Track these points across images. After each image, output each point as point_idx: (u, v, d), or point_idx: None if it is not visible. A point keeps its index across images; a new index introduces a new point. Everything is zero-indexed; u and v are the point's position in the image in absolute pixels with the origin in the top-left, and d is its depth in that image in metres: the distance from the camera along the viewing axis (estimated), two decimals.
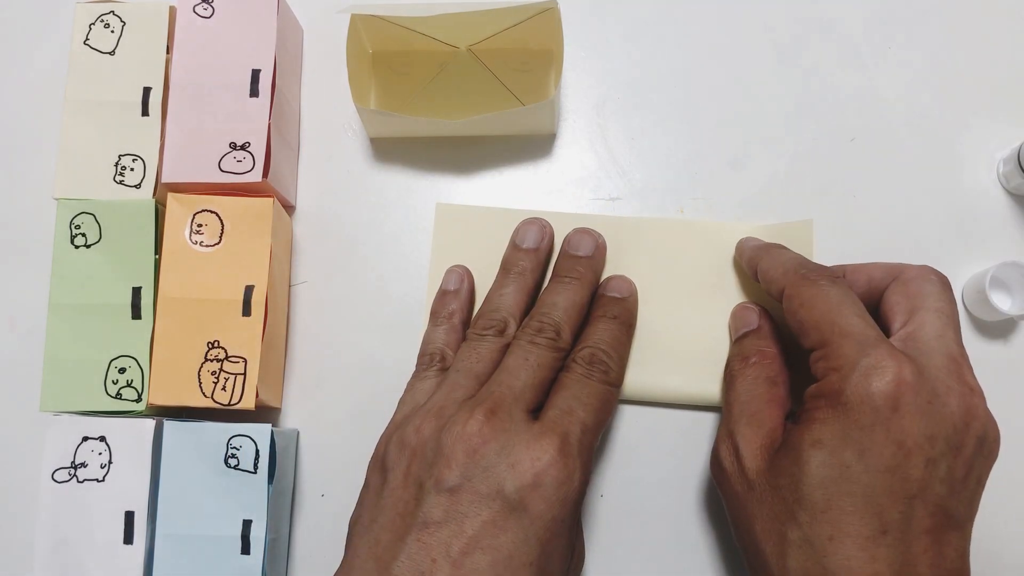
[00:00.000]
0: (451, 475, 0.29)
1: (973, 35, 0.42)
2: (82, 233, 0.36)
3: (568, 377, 0.33)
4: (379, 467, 0.32)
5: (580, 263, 0.36)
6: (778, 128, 0.41)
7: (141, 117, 0.37)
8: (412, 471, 0.30)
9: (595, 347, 0.34)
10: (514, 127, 0.40)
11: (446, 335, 0.36)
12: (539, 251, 0.37)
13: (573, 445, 0.30)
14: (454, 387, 0.32)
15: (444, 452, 0.29)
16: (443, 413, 0.31)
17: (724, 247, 0.39)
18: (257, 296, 0.36)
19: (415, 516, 0.29)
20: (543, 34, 0.39)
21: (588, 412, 0.32)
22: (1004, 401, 0.38)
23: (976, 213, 0.40)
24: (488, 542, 0.28)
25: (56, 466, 0.35)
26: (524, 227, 0.38)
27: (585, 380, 0.33)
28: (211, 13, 0.38)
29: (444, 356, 0.35)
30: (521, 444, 0.29)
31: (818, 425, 0.29)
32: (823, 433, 0.29)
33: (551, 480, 0.29)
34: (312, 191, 0.41)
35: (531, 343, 0.33)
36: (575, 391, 0.32)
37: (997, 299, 0.37)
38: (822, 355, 0.30)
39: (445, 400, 0.32)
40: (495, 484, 0.29)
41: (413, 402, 0.34)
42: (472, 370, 0.33)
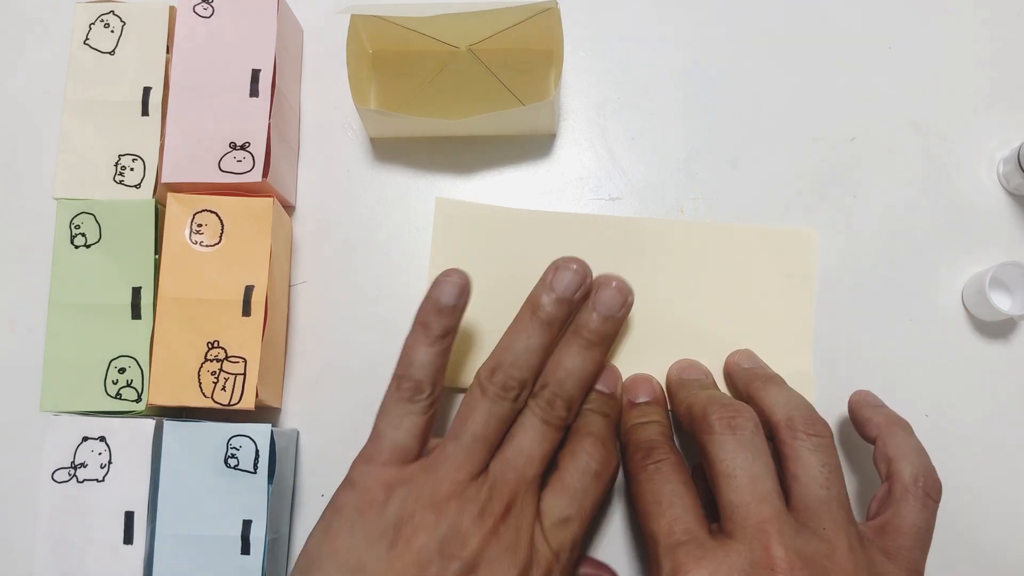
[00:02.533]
0: (460, 564, 0.29)
1: (973, 35, 0.42)
2: (82, 233, 0.36)
3: (571, 471, 0.32)
4: (379, 515, 0.30)
5: (607, 326, 0.34)
6: (778, 128, 0.41)
7: (141, 117, 0.37)
8: (423, 541, 0.29)
9: (598, 435, 0.33)
10: (514, 127, 0.40)
11: (437, 360, 0.33)
12: (573, 302, 0.34)
13: (564, 559, 0.31)
14: (470, 458, 0.31)
15: (460, 535, 0.30)
16: (462, 488, 0.30)
17: (724, 247, 0.39)
18: (257, 296, 0.36)
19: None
20: (543, 34, 0.39)
21: (583, 522, 0.32)
22: (1004, 401, 0.39)
23: (976, 213, 0.40)
24: None
25: (56, 466, 0.35)
26: (564, 268, 0.34)
27: (591, 480, 0.32)
28: (211, 13, 0.38)
29: (434, 387, 0.32)
30: (529, 544, 0.30)
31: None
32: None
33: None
34: (312, 191, 0.41)
35: (545, 423, 0.32)
36: (575, 497, 0.32)
37: (997, 299, 0.37)
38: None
39: (462, 471, 0.31)
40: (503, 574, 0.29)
41: (402, 445, 0.32)
42: (487, 438, 0.32)
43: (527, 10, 0.38)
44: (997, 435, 0.38)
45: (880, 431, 0.34)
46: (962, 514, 0.37)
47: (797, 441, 0.31)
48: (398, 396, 0.32)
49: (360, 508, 0.30)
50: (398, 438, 0.32)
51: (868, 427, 0.34)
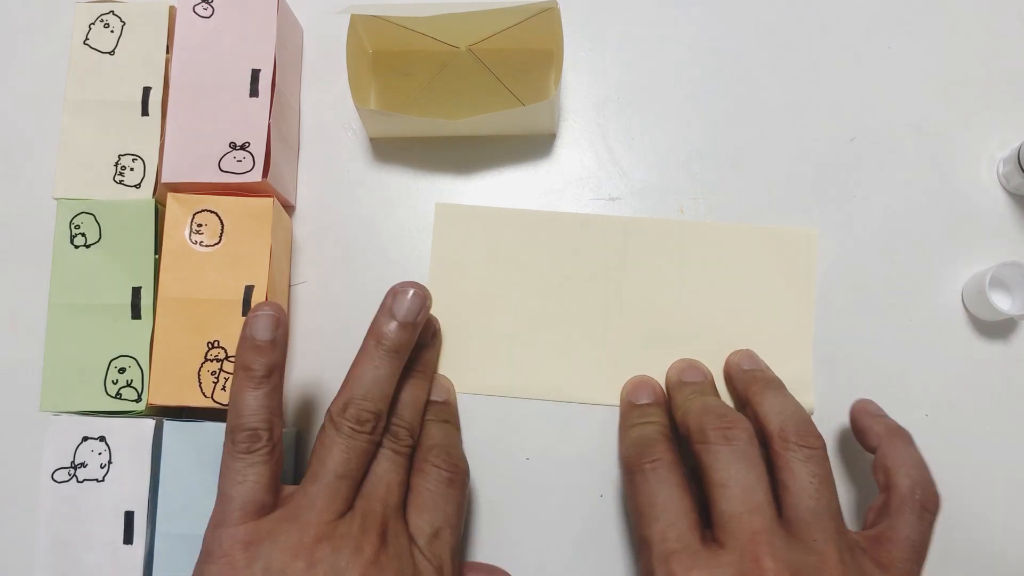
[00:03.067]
0: None
1: (973, 35, 0.42)
2: (82, 233, 0.36)
3: (424, 491, 0.32)
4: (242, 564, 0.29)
5: (431, 356, 0.37)
6: (778, 128, 0.41)
7: (141, 117, 0.37)
8: None
9: (442, 448, 0.34)
10: (514, 127, 0.40)
11: (268, 401, 0.31)
12: (416, 326, 0.33)
13: (447, 570, 0.31)
14: (335, 498, 0.30)
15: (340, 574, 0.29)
16: (332, 530, 0.30)
17: (724, 247, 0.39)
18: (257, 296, 0.36)
19: None
20: (543, 34, 0.39)
21: (451, 529, 0.32)
22: (1004, 401, 0.39)
23: (976, 213, 0.40)
24: None
25: (56, 466, 0.35)
26: (402, 293, 0.33)
27: (448, 489, 0.33)
28: (211, 13, 0.38)
29: (272, 431, 0.31)
30: (409, 569, 0.30)
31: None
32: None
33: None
34: (312, 191, 0.41)
35: (396, 453, 0.33)
36: (437, 506, 0.32)
37: (997, 299, 0.37)
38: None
39: (328, 513, 0.30)
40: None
41: (243, 497, 0.30)
42: (350, 475, 0.31)
43: (527, 10, 0.38)
44: (997, 435, 0.38)
45: (880, 441, 0.34)
46: (962, 514, 0.37)
47: (789, 452, 0.31)
48: (235, 451, 0.30)
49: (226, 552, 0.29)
50: (246, 494, 0.30)
51: (868, 436, 0.34)
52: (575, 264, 0.39)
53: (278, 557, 0.29)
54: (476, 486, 0.38)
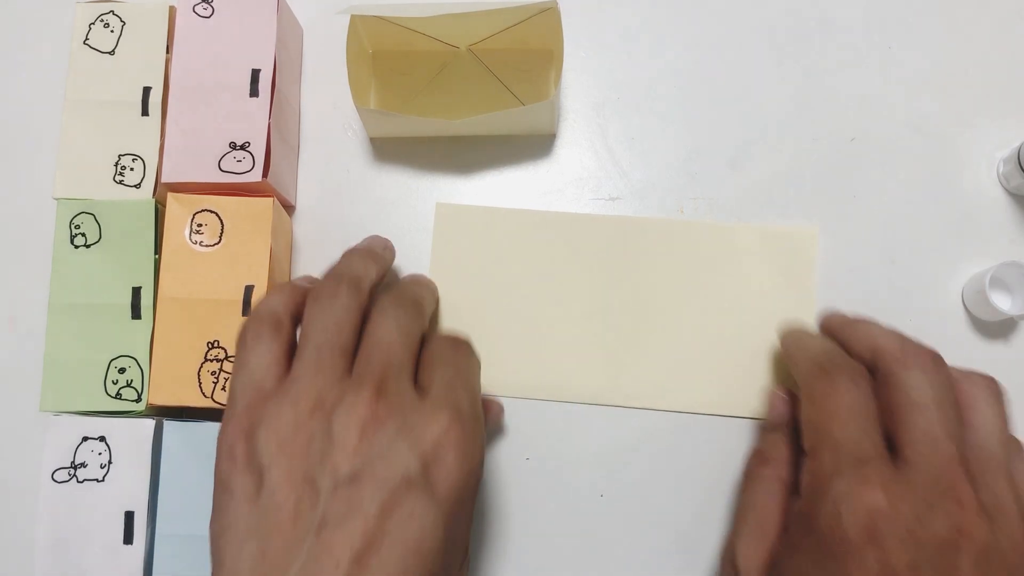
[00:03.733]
0: (349, 464, 0.26)
1: (973, 35, 0.42)
2: (82, 233, 0.36)
3: (437, 349, 0.30)
4: (245, 467, 0.27)
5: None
6: (778, 128, 0.41)
7: (141, 117, 0.37)
8: (299, 468, 0.26)
9: (447, 335, 0.32)
10: (514, 127, 0.40)
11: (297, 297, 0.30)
12: (387, 254, 0.35)
13: (467, 417, 0.28)
14: (321, 368, 0.28)
15: (337, 441, 0.26)
16: (323, 399, 0.27)
17: (724, 247, 0.39)
18: (257, 296, 0.36)
19: (310, 517, 0.25)
20: (543, 34, 0.39)
21: (467, 382, 0.29)
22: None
23: (976, 213, 0.40)
24: (396, 534, 0.25)
25: (56, 466, 0.35)
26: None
27: (455, 351, 0.30)
28: (211, 13, 0.38)
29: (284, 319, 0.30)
30: (418, 422, 0.27)
31: (797, 554, 0.28)
32: (802, 563, 0.28)
33: (454, 455, 0.27)
34: (312, 191, 0.41)
35: (398, 307, 0.30)
36: (449, 363, 0.30)
37: (997, 299, 0.37)
38: (807, 466, 0.29)
39: (317, 385, 0.28)
40: (399, 468, 0.26)
41: (255, 385, 0.28)
42: (336, 345, 0.28)
43: (527, 10, 0.38)
44: None
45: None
46: None
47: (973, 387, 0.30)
48: (245, 338, 0.30)
49: (225, 471, 0.27)
50: (246, 378, 0.29)
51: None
52: (575, 264, 0.39)
53: (273, 439, 0.27)
54: None
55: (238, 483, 0.27)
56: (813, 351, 0.32)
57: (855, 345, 0.32)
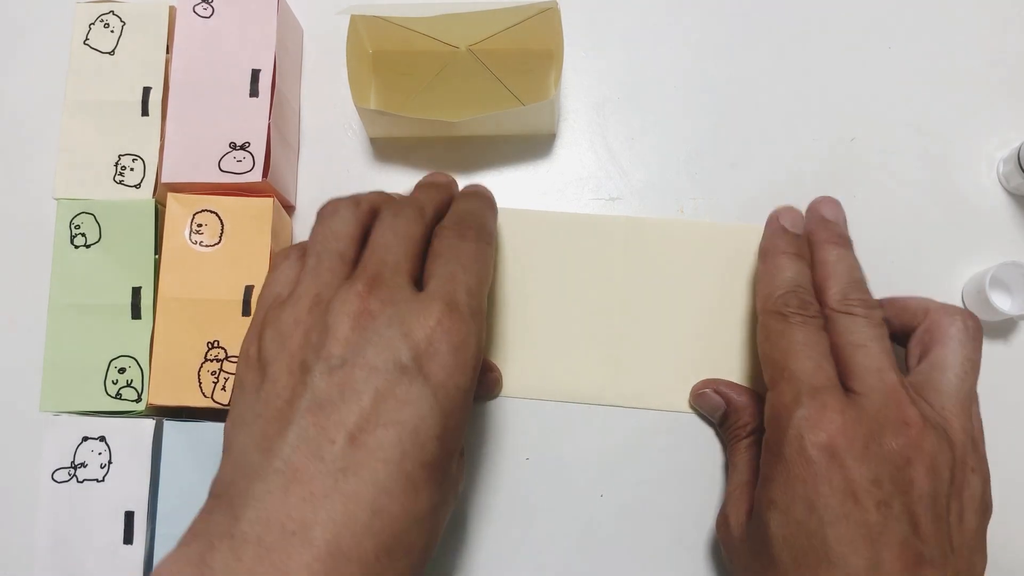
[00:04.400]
0: (341, 351, 0.27)
1: (973, 35, 0.42)
2: (82, 233, 0.36)
3: (441, 243, 0.30)
4: (255, 365, 0.29)
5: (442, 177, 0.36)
6: (778, 128, 0.41)
7: (141, 117, 0.37)
8: (297, 358, 0.27)
9: (462, 214, 0.32)
10: (514, 127, 0.40)
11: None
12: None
13: (463, 308, 0.28)
14: (320, 271, 0.29)
15: (331, 331, 0.27)
16: (320, 297, 0.28)
17: (724, 247, 0.39)
18: (257, 296, 0.36)
19: (304, 399, 0.26)
20: (543, 34, 0.39)
21: (469, 274, 0.29)
22: (1004, 401, 0.39)
23: (976, 213, 0.40)
24: (390, 416, 0.26)
25: (56, 466, 0.35)
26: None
27: (459, 242, 0.30)
28: (211, 13, 0.38)
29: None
30: (411, 313, 0.27)
31: (769, 484, 0.30)
32: (774, 492, 0.30)
33: (447, 346, 0.27)
34: (312, 191, 0.41)
35: (395, 216, 0.31)
36: (452, 255, 0.30)
37: (997, 299, 0.37)
38: (768, 399, 0.31)
39: (316, 285, 0.29)
40: (390, 355, 0.26)
41: (274, 295, 0.30)
42: (335, 250, 0.30)
43: (527, 10, 0.38)
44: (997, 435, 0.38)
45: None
46: None
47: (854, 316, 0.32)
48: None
49: (241, 371, 0.29)
50: (267, 291, 0.31)
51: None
52: (575, 264, 0.39)
53: (276, 336, 0.28)
54: (476, 486, 0.38)
55: (248, 379, 0.28)
56: (777, 283, 0.34)
57: (815, 272, 0.35)
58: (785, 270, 0.34)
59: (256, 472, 0.26)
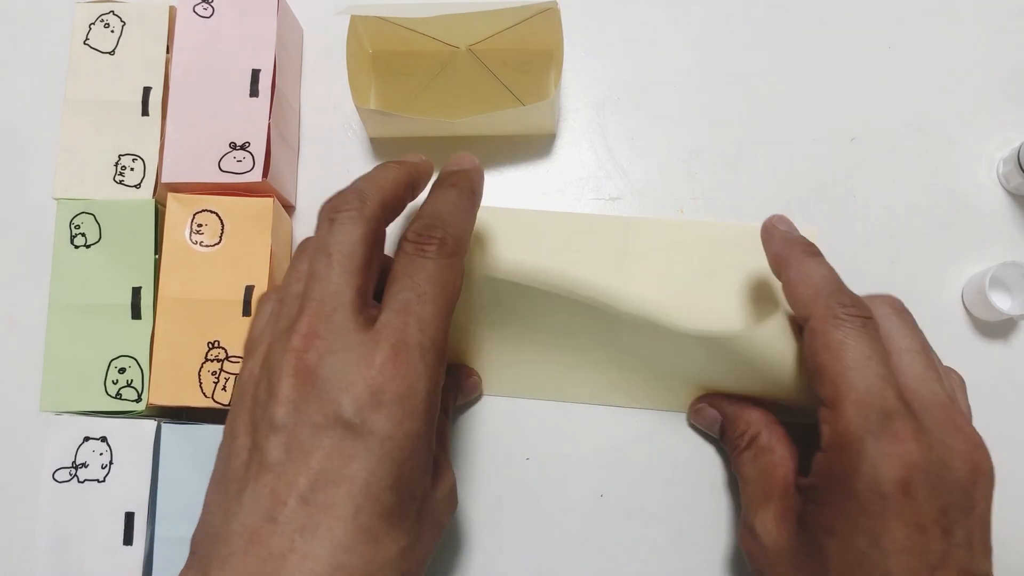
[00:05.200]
0: (282, 411, 0.26)
1: (973, 35, 0.42)
2: (82, 233, 0.36)
3: (399, 264, 0.28)
4: (228, 419, 0.29)
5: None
6: (778, 128, 0.41)
7: (141, 117, 0.37)
8: (250, 417, 0.27)
9: (428, 218, 0.29)
10: (514, 127, 0.40)
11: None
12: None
13: (412, 349, 0.26)
14: (279, 318, 0.29)
15: (273, 390, 0.26)
16: (271, 350, 0.28)
17: (724, 247, 0.39)
18: (257, 296, 0.36)
19: (255, 461, 0.26)
20: (543, 34, 0.39)
21: (424, 302, 0.27)
22: (1004, 401, 0.39)
23: (976, 213, 0.40)
24: (339, 473, 0.25)
25: (57, 466, 0.35)
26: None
27: (417, 261, 0.28)
28: (211, 13, 0.38)
29: None
30: (351, 361, 0.26)
31: (828, 510, 0.28)
32: (833, 520, 0.28)
33: (393, 395, 0.26)
34: (312, 191, 0.41)
35: (331, 224, 0.28)
36: (408, 278, 0.28)
37: (997, 299, 0.37)
38: (830, 418, 0.28)
39: (272, 334, 0.28)
40: (331, 411, 0.26)
41: (248, 344, 0.30)
42: (293, 291, 0.29)
43: (527, 10, 0.38)
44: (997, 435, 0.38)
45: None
46: None
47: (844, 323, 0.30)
48: None
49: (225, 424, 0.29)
50: (248, 337, 0.31)
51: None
52: (575, 264, 0.39)
53: (238, 392, 0.29)
54: (476, 486, 0.38)
55: (224, 433, 0.29)
56: (818, 285, 0.31)
57: None
58: (819, 269, 0.31)
59: (219, 533, 0.26)
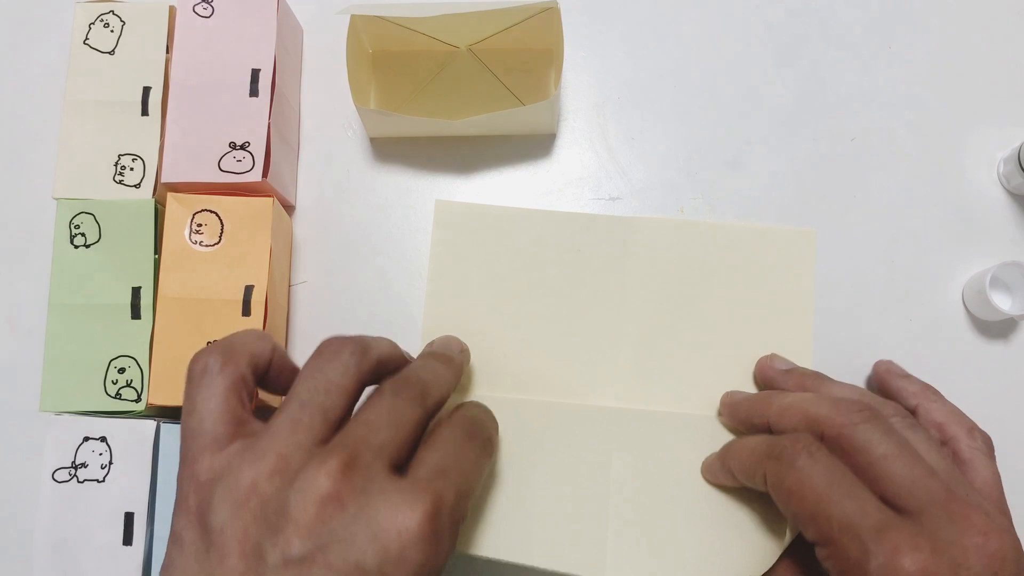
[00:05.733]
0: (301, 543, 0.24)
1: (973, 35, 0.42)
2: (82, 233, 0.36)
3: (443, 433, 0.28)
4: (195, 521, 0.25)
5: (448, 350, 0.34)
6: (778, 128, 0.41)
7: (141, 117, 0.37)
8: (251, 535, 0.24)
9: (471, 417, 0.30)
10: (514, 127, 0.40)
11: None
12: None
13: (446, 515, 0.25)
14: (296, 426, 0.26)
15: (291, 514, 0.24)
16: (288, 463, 0.25)
17: (724, 247, 0.39)
18: (257, 296, 0.36)
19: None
20: (543, 34, 0.39)
21: (463, 477, 0.27)
22: (1004, 401, 0.39)
23: (976, 213, 0.40)
24: None
25: (57, 466, 0.35)
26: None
27: (467, 441, 0.28)
28: (211, 13, 0.38)
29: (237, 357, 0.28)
30: (386, 508, 0.24)
31: None
32: None
33: (418, 557, 0.24)
34: (312, 191, 0.41)
35: (395, 395, 0.27)
36: (451, 449, 0.27)
37: (997, 299, 0.37)
38: (825, 555, 0.28)
39: (288, 444, 0.25)
40: (353, 557, 0.24)
41: (206, 431, 0.26)
42: (320, 404, 0.26)
43: (527, 10, 0.38)
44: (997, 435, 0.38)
45: (919, 399, 0.35)
46: None
47: (895, 423, 0.31)
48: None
49: (179, 522, 0.26)
50: (195, 423, 0.27)
51: (904, 396, 0.36)
52: (575, 263, 0.39)
53: (229, 498, 0.25)
54: None
55: (188, 537, 0.25)
56: (753, 447, 0.31)
57: (786, 424, 0.32)
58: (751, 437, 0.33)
59: None
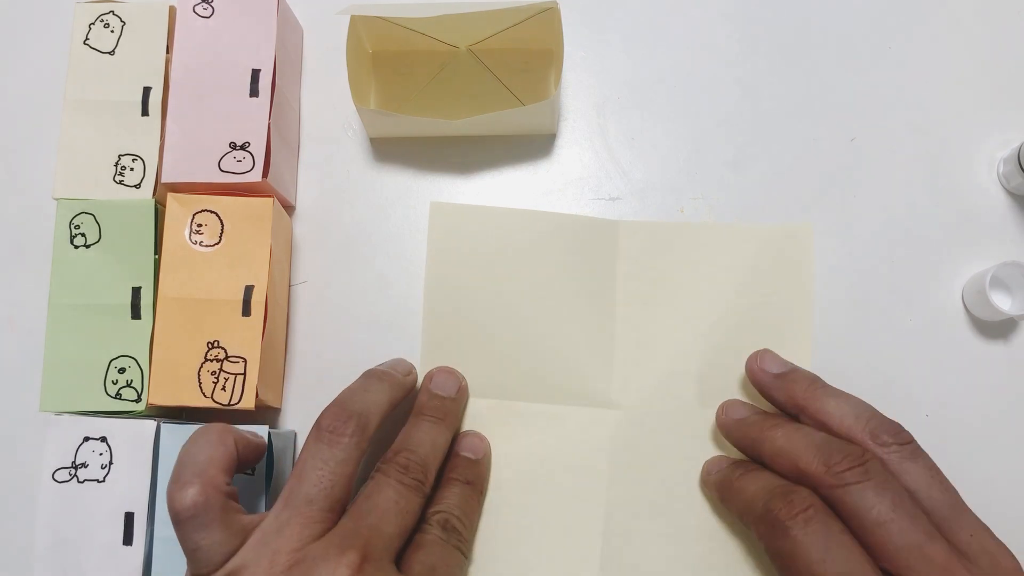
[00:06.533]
0: None
1: (973, 35, 0.42)
2: (82, 233, 0.36)
3: (426, 539, 0.31)
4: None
5: (444, 403, 0.36)
6: (778, 128, 0.41)
7: (141, 117, 0.37)
8: None
9: (448, 512, 0.32)
10: (514, 127, 0.40)
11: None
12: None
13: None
14: (309, 519, 0.28)
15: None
16: (304, 555, 0.27)
17: (724, 247, 0.39)
18: (257, 296, 0.36)
19: None
20: (543, 34, 0.39)
21: (448, 570, 0.30)
22: (1004, 401, 0.39)
23: (976, 213, 0.40)
24: None
25: (57, 466, 0.35)
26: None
27: (444, 545, 0.31)
28: (211, 13, 0.38)
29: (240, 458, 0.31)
30: None
31: None
32: None
33: None
34: (312, 191, 0.41)
35: (400, 483, 0.31)
36: (435, 558, 0.30)
37: (997, 299, 0.37)
38: None
39: (302, 536, 0.28)
40: None
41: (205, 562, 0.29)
42: (327, 497, 0.29)
43: (527, 10, 0.38)
44: (997, 435, 0.38)
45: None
46: None
47: (893, 454, 0.30)
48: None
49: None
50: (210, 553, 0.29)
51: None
52: (574, 264, 0.39)
53: (265, 555, 0.27)
54: None
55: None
56: (749, 499, 0.31)
57: (779, 470, 0.31)
58: (753, 483, 0.31)
59: None
